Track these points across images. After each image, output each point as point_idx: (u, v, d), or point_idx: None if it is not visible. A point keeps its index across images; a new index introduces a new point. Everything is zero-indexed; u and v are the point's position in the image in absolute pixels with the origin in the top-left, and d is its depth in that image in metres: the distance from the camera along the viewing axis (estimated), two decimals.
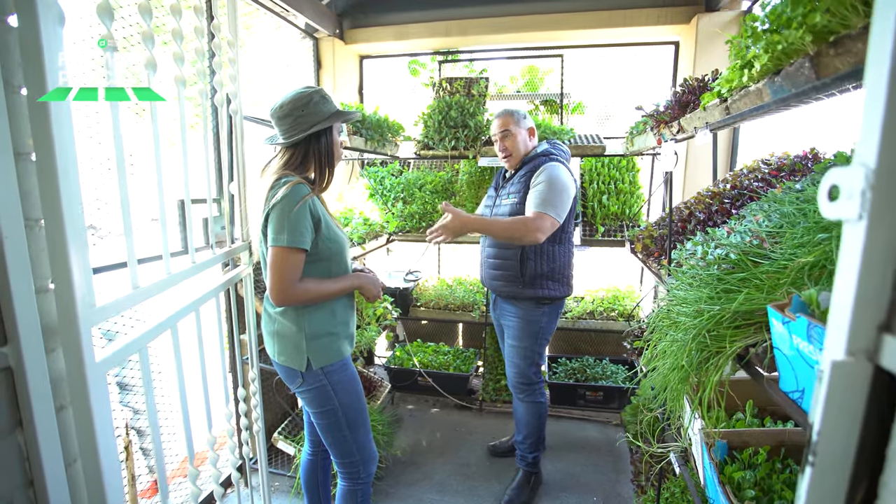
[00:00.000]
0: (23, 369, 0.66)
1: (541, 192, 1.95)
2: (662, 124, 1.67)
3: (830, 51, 0.72)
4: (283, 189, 1.35)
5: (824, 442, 0.42)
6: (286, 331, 1.47)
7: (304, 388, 1.50)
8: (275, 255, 1.34)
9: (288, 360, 1.48)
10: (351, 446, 1.56)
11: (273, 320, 1.50)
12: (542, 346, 2.20)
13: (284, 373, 1.53)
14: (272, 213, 1.34)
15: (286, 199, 1.33)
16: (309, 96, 1.42)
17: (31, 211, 0.69)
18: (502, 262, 2.14)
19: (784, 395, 0.84)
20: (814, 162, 1.72)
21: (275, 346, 1.51)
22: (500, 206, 2.15)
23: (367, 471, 1.62)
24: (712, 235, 1.50)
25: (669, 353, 1.10)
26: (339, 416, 1.52)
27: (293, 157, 1.46)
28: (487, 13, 3.14)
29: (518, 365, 2.20)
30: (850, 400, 0.40)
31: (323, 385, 1.49)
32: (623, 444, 2.69)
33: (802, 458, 0.45)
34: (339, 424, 1.53)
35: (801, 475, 0.44)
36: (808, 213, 1.05)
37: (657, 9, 2.84)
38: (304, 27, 3.13)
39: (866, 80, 0.40)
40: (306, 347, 1.45)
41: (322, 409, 1.51)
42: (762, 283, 0.98)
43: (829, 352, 0.43)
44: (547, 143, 2.17)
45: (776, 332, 0.84)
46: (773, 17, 0.82)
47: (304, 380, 1.49)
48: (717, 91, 1.16)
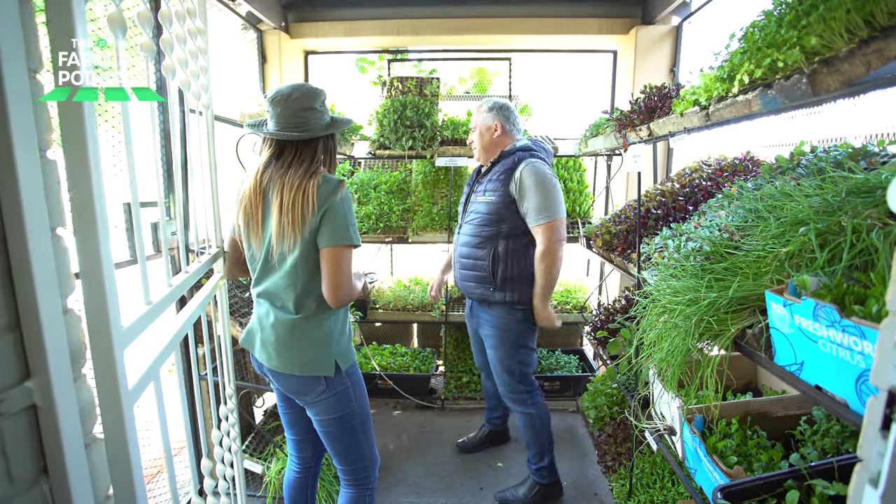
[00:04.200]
0: (52, 406, 0.57)
1: (534, 201, 1.93)
2: (628, 128, 1.80)
3: (824, 69, 0.83)
4: (343, 188, 1.33)
5: None
6: (313, 336, 1.39)
7: (326, 394, 1.42)
8: (341, 254, 1.31)
9: (314, 368, 1.39)
10: (364, 449, 1.51)
11: (295, 328, 1.38)
12: (524, 355, 2.11)
13: (301, 384, 1.41)
14: (334, 212, 1.30)
15: (347, 197, 1.33)
16: (323, 92, 1.38)
17: (51, 219, 0.59)
18: (474, 262, 2.08)
19: (781, 369, 0.96)
20: (751, 163, 1.95)
21: (292, 357, 1.39)
22: (476, 204, 2.09)
23: (375, 474, 1.59)
24: (679, 230, 1.65)
25: (667, 338, 1.20)
26: (356, 417, 1.47)
27: (317, 154, 1.38)
28: (438, 14, 3.16)
29: (503, 378, 2.14)
30: None
31: (346, 388, 1.44)
32: (583, 428, 2.85)
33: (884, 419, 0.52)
34: (355, 427, 1.48)
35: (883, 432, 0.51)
36: (775, 209, 1.20)
37: (599, 19, 3.05)
38: (245, 16, 2.94)
39: None
40: (334, 350, 1.41)
41: (340, 414, 1.45)
42: (748, 271, 1.10)
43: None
44: (529, 139, 2.11)
45: (774, 314, 0.95)
46: (767, 37, 0.93)
47: (328, 385, 1.41)
48: (695, 99, 1.29)
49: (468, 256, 2.12)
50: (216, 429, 1.35)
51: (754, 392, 1.68)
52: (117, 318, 0.64)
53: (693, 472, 1.40)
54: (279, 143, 1.37)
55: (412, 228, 3.13)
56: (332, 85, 3.71)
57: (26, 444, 0.57)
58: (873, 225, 0.93)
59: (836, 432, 1.30)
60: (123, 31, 0.70)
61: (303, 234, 1.30)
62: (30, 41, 0.54)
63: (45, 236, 0.56)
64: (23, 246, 0.53)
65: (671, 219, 1.88)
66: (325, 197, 1.30)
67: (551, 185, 1.95)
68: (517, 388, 2.13)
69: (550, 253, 1.94)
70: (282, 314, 1.39)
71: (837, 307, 0.79)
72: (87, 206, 0.58)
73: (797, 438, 1.38)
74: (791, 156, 1.56)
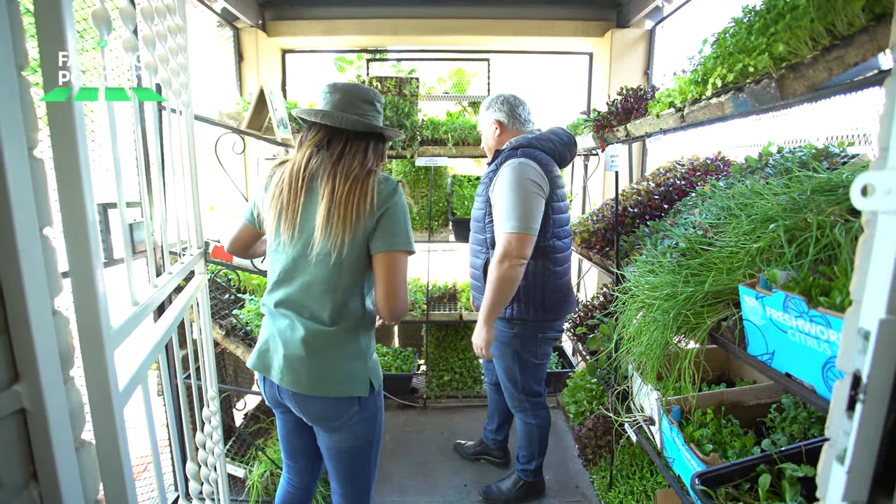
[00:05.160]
0: (42, 409, 0.56)
1: (502, 205, 1.72)
2: (606, 129, 1.85)
3: (791, 74, 0.88)
4: (403, 191, 1.25)
5: (872, 382, 0.53)
6: (350, 351, 1.25)
7: (358, 418, 1.27)
8: (400, 260, 1.20)
9: (351, 388, 1.24)
10: (374, 475, 1.40)
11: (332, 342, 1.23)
12: (527, 372, 1.98)
13: (334, 408, 1.25)
14: (393, 214, 1.20)
15: (404, 201, 1.24)
16: (381, 97, 1.34)
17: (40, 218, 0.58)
18: (473, 271, 2.00)
19: (754, 358, 1.01)
20: (722, 163, 2.04)
21: (330, 374, 1.23)
22: (474, 211, 1.96)
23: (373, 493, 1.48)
24: (656, 227, 1.71)
25: (646, 332, 1.24)
26: (378, 443, 1.34)
27: (368, 151, 1.27)
28: (418, 14, 3.17)
29: (506, 385, 2.07)
30: (891, 348, 0.52)
31: (377, 409, 1.31)
32: (563, 423, 2.90)
33: (849, 401, 0.56)
34: (373, 453, 1.35)
35: (849, 412, 0.56)
36: (746, 207, 1.26)
37: (575, 22, 3.11)
38: (221, 13, 2.88)
39: (895, 111, 0.51)
40: (370, 367, 1.29)
41: (366, 440, 1.31)
42: (721, 266, 1.15)
43: (870, 314, 0.54)
44: (531, 134, 1.88)
45: (747, 306, 1.00)
46: (739, 43, 0.97)
47: (361, 407, 1.26)
48: (670, 101, 1.34)
49: (471, 265, 2.04)
50: (199, 432, 1.33)
51: (727, 383, 1.75)
52: (108, 318, 0.63)
53: (671, 461, 1.45)
54: (327, 133, 1.27)
55: None
56: (310, 84, 3.67)
57: (15, 449, 0.56)
58: (836, 221, 0.99)
59: (803, 419, 1.37)
60: (109, 29, 0.69)
61: (354, 231, 1.18)
62: (17, 37, 0.53)
63: (34, 236, 0.55)
64: (11, 247, 0.52)
65: (648, 217, 1.94)
66: (385, 197, 1.20)
67: (527, 191, 1.69)
68: (519, 398, 2.06)
69: (503, 269, 1.69)
70: (313, 325, 1.23)
71: (805, 299, 0.84)
72: (77, 204, 0.57)
73: (768, 425, 1.45)
74: (759, 156, 1.64)
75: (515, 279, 1.71)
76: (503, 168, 1.76)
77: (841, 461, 0.55)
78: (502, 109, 1.92)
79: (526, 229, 1.68)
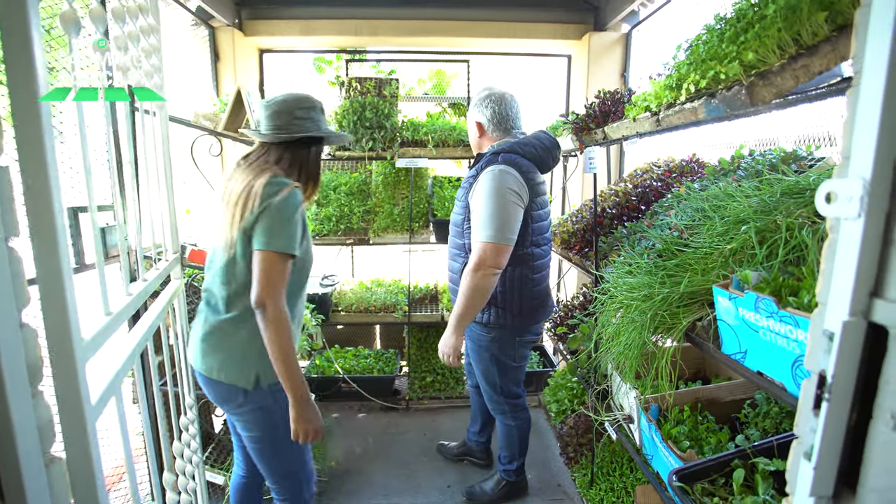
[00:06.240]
0: (9, 425, 0.54)
1: (476, 214, 1.70)
2: (584, 131, 1.88)
3: (760, 82, 0.91)
4: (286, 191, 1.27)
5: (837, 382, 0.55)
6: (234, 342, 1.32)
7: (245, 408, 1.36)
8: (268, 259, 1.23)
9: (230, 377, 1.33)
10: (292, 468, 1.46)
11: (220, 328, 1.33)
12: (505, 375, 1.99)
13: (220, 391, 1.36)
14: (268, 214, 1.24)
15: (287, 202, 1.26)
16: (314, 104, 1.40)
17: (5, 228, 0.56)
18: (452, 275, 1.98)
19: (728, 357, 1.04)
20: (697, 165, 2.09)
21: (212, 360, 1.33)
22: (453, 215, 1.93)
23: (311, 490, 1.53)
24: (633, 228, 1.74)
25: (624, 332, 1.27)
26: (280, 436, 1.39)
27: (283, 158, 1.38)
28: (397, 15, 3.16)
29: (485, 388, 2.08)
30: (854, 348, 0.54)
31: (268, 406, 1.36)
32: (545, 422, 2.93)
33: (815, 399, 0.58)
34: (280, 448, 1.42)
35: (815, 411, 0.58)
36: (720, 209, 1.30)
37: (554, 24, 3.15)
38: (196, 11, 2.82)
39: (857, 117, 0.54)
40: (256, 362, 1.32)
41: (261, 433, 1.39)
42: (696, 267, 1.18)
43: (834, 316, 0.56)
44: (514, 139, 1.83)
45: (721, 307, 1.03)
46: (711, 50, 1.00)
47: (247, 399, 1.34)
48: (646, 105, 1.36)
49: (449, 269, 2.02)
50: (177, 441, 1.30)
51: (703, 380, 1.80)
52: (79, 330, 0.61)
53: (650, 458, 1.48)
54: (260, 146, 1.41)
55: (373, 230, 3.12)
56: (288, 84, 3.62)
57: None
58: (804, 223, 1.03)
59: (775, 414, 1.42)
60: (77, 30, 0.67)
61: (241, 229, 1.26)
62: None
63: (1, 247, 0.53)
64: None
65: (625, 218, 1.98)
66: (265, 196, 1.26)
67: (505, 200, 1.66)
68: (498, 400, 2.07)
69: (476, 278, 1.67)
70: (211, 313, 1.36)
71: (775, 299, 0.86)
72: (45, 210, 0.55)
73: (742, 421, 1.49)
74: (732, 159, 1.69)
75: (488, 289, 1.70)
76: (483, 174, 1.73)
77: (808, 458, 0.57)
78: (484, 112, 1.86)
79: (502, 239, 1.66)
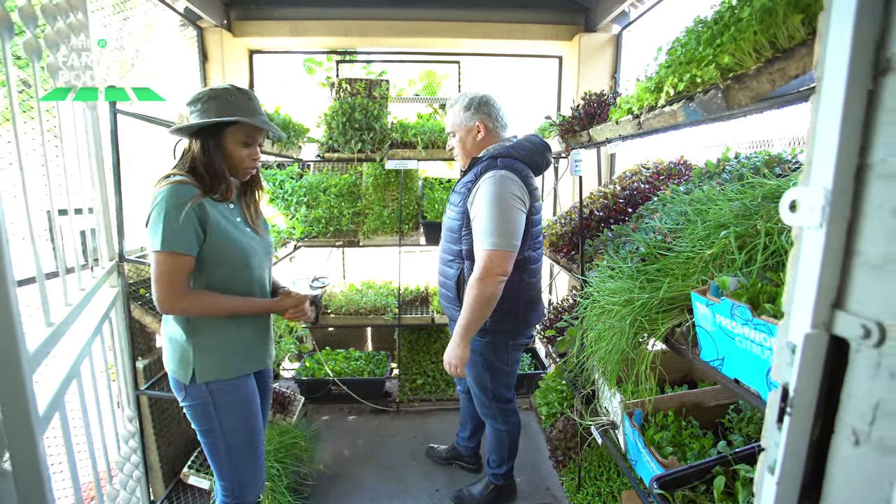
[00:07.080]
0: None
1: (482, 220, 1.66)
2: (570, 133, 1.86)
3: (736, 85, 0.90)
4: (157, 189, 1.27)
5: (799, 395, 0.54)
6: (176, 337, 1.39)
7: (187, 402, 1.42)
8: (154, 259, 1.26)
9: (173, 370, 1.40)
10: (226, 471, 1.49)
11: (165, 325, 1.42)
12: (497, 379, 1.97)
13: (172, 383, 1.44)
14: (150, 213, 1.26)
15: (161, 199, 1.25)
16: (202, 95, 1.33)
17: None
18: (444, 280, 1.93)
19: (706, 364, 1.02)
20: (685, 167, 2.08)
21: (165, 353, 1.43)
22: (446, 218, 1.90)
23: (243, 499, 1.53)
24: (619, 231, 1.73)
25: (605, 338, 1.25)
26: (218, 438, 1.44)
27: (184, 154, 1.37)
28: (388, 15, 3.14)
29: (475, 392, 2.05)
30: (816, 361, 0.53)
31: (205, 402, 1.41)
32: (536, 425, 2.92)
33: (779, 413, 0.57)
34: (217, 447, 1.45)
35: (779, 424, 0.56)
36: (702, 213, 1.28)
37: (544, 25, 3.13)
38: (183, 12, 2.80)
39: (818, 124, 0.52)
40: (193, 358, 1.37)
41: (202, 428, 1.44)
42: (677, 272, 1.16)
43: (797, 328, 0.55)
44: (508, 142, 1.81)
45: (699, 313, 1.01)
46: (688, 53, 0.99)
47: (187, 393, 1.40)
48: (628, 108, 1.35)
49: (441, 274, 1.97)
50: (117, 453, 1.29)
51: (690, 384, 1.79)
52: (24, 342, 0.59)
53: (634, 464, 1.47)
54: None
55: (363, 232, 3.10)
56: (279, 85, 3.61)
57: None
58: (783, 228, 1.02)
59: (759, 419, 1.41)
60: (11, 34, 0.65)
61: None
62: None
63: None
64: None
65: (612, 220, 1.97)
66: (153, 197, 1.27)
67: (508, 205, 1.63)
68: (489, 405, 2.04)
69: (484, 287, 1.64)
70: None
71: (750, 306, 0.85)
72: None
73: (726, 426, 1.48)
74: (718, 161, 1.68)
75: (495, 297, 1.67)
76: (484, 180, 1.68)
77: (772, 472, 0.56)
78: (484, 111, 1.79)
79: (508, 246, 1.64)
